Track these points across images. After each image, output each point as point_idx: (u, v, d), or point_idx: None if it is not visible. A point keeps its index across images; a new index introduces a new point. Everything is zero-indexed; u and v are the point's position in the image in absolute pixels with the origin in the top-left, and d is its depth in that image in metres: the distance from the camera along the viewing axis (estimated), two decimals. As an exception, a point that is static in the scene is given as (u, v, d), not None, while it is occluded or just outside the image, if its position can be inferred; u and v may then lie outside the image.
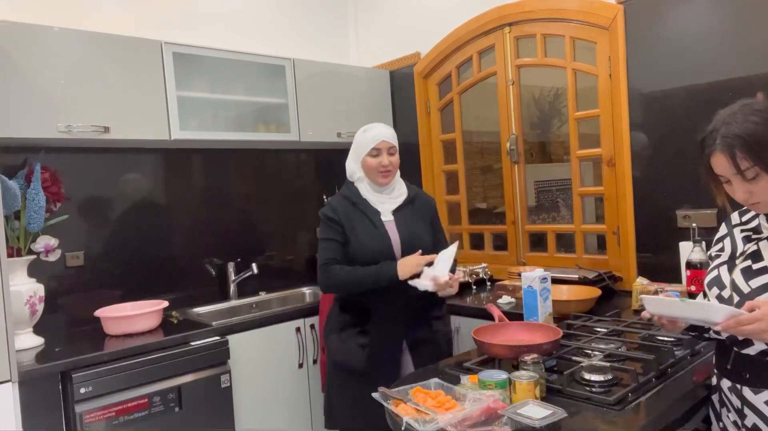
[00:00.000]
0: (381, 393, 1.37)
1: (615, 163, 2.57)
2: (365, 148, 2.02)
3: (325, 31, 3.64)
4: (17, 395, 1.95)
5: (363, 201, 2.06)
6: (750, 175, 1.20)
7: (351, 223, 2.02)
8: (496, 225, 3.15)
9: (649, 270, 2.42)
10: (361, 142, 2.04)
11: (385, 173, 2.03)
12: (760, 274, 1.23)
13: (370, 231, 2.02)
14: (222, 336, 2.45)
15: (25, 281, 2.25)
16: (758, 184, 1.21)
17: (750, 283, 1.24)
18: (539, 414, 1.20)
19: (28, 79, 2.25)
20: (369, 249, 1.99)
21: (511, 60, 2.94)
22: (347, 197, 2.08)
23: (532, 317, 1.93)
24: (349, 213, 2.04)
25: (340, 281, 1.98)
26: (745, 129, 1.20)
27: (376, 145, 2.01)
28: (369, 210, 2.05)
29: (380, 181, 2.04)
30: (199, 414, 2.33)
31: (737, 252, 1.32)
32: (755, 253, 1.28)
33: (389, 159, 2.03)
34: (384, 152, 2.02)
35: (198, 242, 3.05)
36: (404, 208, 2.09)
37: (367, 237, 2.00)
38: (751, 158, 1.19)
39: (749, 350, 1.25)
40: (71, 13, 2.65)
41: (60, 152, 2.57)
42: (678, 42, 2.30)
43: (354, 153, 2.09)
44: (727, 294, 1.30)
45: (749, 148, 1.19)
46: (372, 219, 2.03)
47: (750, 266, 1.26)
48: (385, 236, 2.02)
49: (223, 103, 2.95)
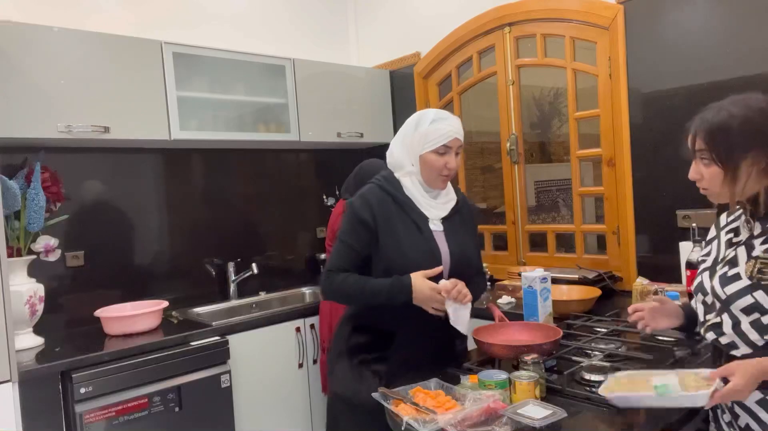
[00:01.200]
0: (381, 393, 1.37)
1: (615, 163, 2.57)
2: (432, 142, 1.65)
3: (325, 31, 3.64)
4: (17, 395, 1.95)
5: (408, 200, 1.69)
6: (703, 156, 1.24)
7: (391, 225, 1.66)
8: (496, 225, 3.15)
9: (649, 270, 2.41)
10: (426, 133, 1.66)
11: (448, 176, 1.70)
12: (734, 281, 1.24)
13: (415, 240, 1.65)
14: (222, 336, 2.45)
15: (25, 281, 2.25)
16: (709, 171, 1.24)
17: (725, 289, 1.25)
18: (539, 414, 1.20)
19: (28, 79, 2.25)
20: (412, 261, 1.63)
21: (511, 60, 2.94)
22: (389, 192, 1.69)
23: (532, 317, 1.93)
24: (391, 212, 1.67)
25: (346, 291, 1.68)
26: (719, 119, 1.22)
27: (449, 142, 1.66)
28: (415, 213, 1.68)
29: (439, 184, 1.70)
30: (199, 414, 2.33)
31: (719, 257, 1.33)
32: (732, 259, 1.28)
33: (456, 161, 1.69)
34: (452, 151, 1.68)
35: (198, 242, 3.05)
36: (454, 217, 1.75)
37: (412, 247, 1.64)
38: (705, 143, 1.23)
39: (736, 352, 1.25)
40: (71, 13, 2.65)
41: (60, 152, 2.57)
42: (678, 42, 2.30)
43: (409, 143, 1.69)
44: (710, 300, 1.31)
45: (709, 134, 1.22)
46: (419, 224, 1.68)
47: (726, 272, 1.27)
48: (434, 249, 1.67)
49: (223, 103, 2.95)
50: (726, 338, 1.27)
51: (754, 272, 1.22)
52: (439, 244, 1.68)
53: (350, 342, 1.73)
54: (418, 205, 1.70)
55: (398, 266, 1.63)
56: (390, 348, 1.68)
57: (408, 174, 1.70)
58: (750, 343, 1.23)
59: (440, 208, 1.73)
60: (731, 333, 1.25)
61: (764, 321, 1.20)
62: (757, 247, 1.24)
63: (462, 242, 1.73)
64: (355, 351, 1.71)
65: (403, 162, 1.70)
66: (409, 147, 1.69)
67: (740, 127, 1.20)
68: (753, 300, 1.20)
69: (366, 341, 1.71)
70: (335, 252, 1.70)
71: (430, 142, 1.65)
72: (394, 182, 1.71)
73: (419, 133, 1.67)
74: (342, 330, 1.79)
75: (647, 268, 2.45)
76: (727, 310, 1.26)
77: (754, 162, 1.20)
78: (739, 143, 1.20)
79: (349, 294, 1.69)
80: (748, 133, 1.20)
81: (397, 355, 1.67)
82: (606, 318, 2.08)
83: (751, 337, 1.22)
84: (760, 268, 1.22)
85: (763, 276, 1.20)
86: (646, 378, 1.27)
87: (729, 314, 1.26)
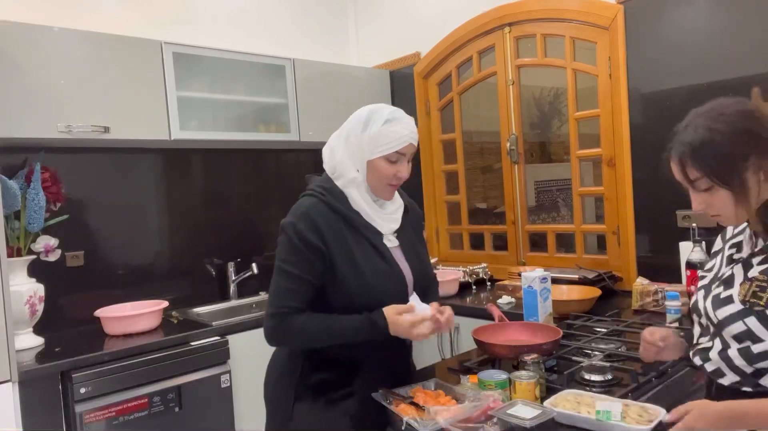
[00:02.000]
0: (381, 393, 1.37)
1: (615, 163, 2.57)
2: (384, 146, 1.42)
3: (325, 31, 3.64)
4: (17, 395, 1.95)
5: (356, 216, 1.45)
6: (702, 185, 1.10)
7: (345, 250, 1.40)
8: (496, 225, 3.15)
9: (649, 270, 2.41)
10: (378, 136, 1.42)
11: (396, 186, 1.49)
12: (726, 304, 1.12)
13: (375, 264, 1.43)
14: (222, 336, 2.45)
15: (25, 281, 2.25)
16: (715, 196, 1.10)
17: (717, 313, 1.13)
18: (529, 414, 1.21)
19: (28, 79, 2.25)
20: (377, 290, 1.41)
21: (511, 60, 2.94)
22: (335, 208, 1.43)
23: (532, 317, 1.93)
24: (342, 233, 1.41)
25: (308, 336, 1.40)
26: (699, 137, 1.09)
27: (403, 148, 1.43)
28: (368, 230, 1.45)
29: (386, 194, 1.48)
30: (199, 414, 2.33)
31: (717, 274, 1.22)
32: (728, 279, 1.16)
33: (407, 168, 1.48)
34: (405, 159, 1.46)
35: (198, 242, 3.05)
36: (405, 227, 1.55)
37: (373, 274, 1.41)
38: (699, 169, 1.09)
39: (723, 381, 1.14)
40: (71, 13, 2.65)
41: (60, 152, 2.57)
42: (678, 42, 2.30)
43: (356, 146, 1.45)
44: (705, 322, 1.20)
45: (699, 158, 1.09)
46: (375, 243, 1.45)
47: (719, 294, 1.15)
48: (396, 272, 1.46)
49: (223, 103, 2.94)
50: (711, 364, 1.16)
51: (748, 296, 1.09)
52: (399, 263, 1.48)
53: (311, 381, 1.45)
54: (369, 219, 1.45)
55: (361, 299, 1.39)
56: (355, 382, 1.44)
57: (351, 182, 1.45)
58: (736, 369, 1.10)
59: (391, 219, 1.51)
60: (717, 358, 1.14)
61: (754, 350, 1.07)
62: (755, 267, 1.12)
63: (419, 253, 1.56)
64: (319, 391, 1.44)
65: (345, 167, 1.45)
66: (355, 149, 1.45)
67: (727, 136, 1.07)
68: (745, 328, 1.08)
69: (330, 377, 1.45)
70: (281, 289, 1.40)
71: (381, 147, 1.42)
72: (337, 195, 1.45)
73: (369, 135, 1.43)
74: (289, 366, 1.49)
75: (647, 268, 2.45)
76: (719, 335, 1.14)
77: (758, 167, 1.07)
78: (735, 153, 1.07)
79: (312, 339, 1.41)
80: (739, 139, 1.07)
81: (362, 386, 1.42)
82: (606, 318, 2.08)
83: (736, 363, 1.10)
84: (755, 292, 1.09)
85: (757, 302, 1.08)
86: (593, 400, 1.26)
87: (721, 339, 1.14)
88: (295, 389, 1.46)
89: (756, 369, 1.07)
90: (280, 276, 1.41)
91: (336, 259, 1.39)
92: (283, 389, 1.49)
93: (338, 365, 1.45)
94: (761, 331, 1.06)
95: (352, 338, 1.39)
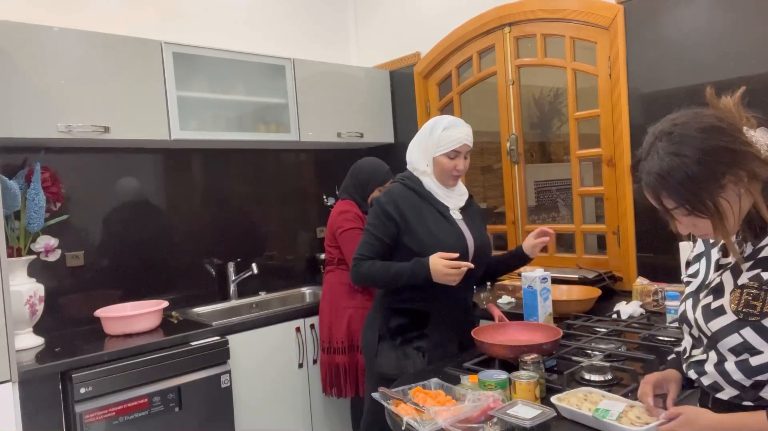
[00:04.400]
0: (381, 393, 1.37)
1: (615, 163, 2.57)
2: (443, 147, 1.88)
3: (325, 31, 3.64)
4: (17, 395, 1.95)
5: (429, 194, 1.93)
6: (682, 212, 1.04)
7: (418, 215, 1.88)
8: (496, 225, 3.15)
9: (649, 270, 2.41)
10: (439, 139, 1.89)
11: (457, 176, 1.94)
12: (718, 315, 1.07)
13: (443, 227, 1.89)
14: (222, 336, 2.45)
15: (25, 281, 2.25)
16: (698, 220, 1.04)
17: (709, 325, 1.08)
18: (529, 414, 1.21)
19: (28, 79, 2.25)
20: (445, 245, 1.83)
21: (511, 60, 2.94)
22: (412, 188, 1.92)
23: (532, 317, 1.94)
24: (416, 204, 1.90)
25: (373, 275, 1.87)
26: (666, 166, 1.01)
27: (458, 147, 1.89)
28: (438, 204, 1.92)
29: (450, 182, 1.94)
30: (199, 414, 2.33)
31: (705, 281, 1.15)
32: (717, 287, 1.10)
33: (465, 163, 1.92)
34: (462, 155, 1.91)
35: (198, 242, 3.05)
36: (468, 208, 2.00)
37: (441, 231, 1.87)
38: (675, 200, 1.03)
39: (722, 395, 1.09)
40: (71, 13, 2.65)
41: (60, 152, 2.57)
42: (678, 42, 2.30)
43: (424, 147, 1.93)
44: (696, 333, 1.14)
45: (670, 188, 1.02)
46: (443, 213, 1.91)
47: (709, 304, 1.09)
48: (460, 234, 1.90)
49: (223, 103, 2.95)
50: (708, 378, 1.10)
51: (740, 306, 1.04)
52: (463, 230, 1.91)
53: (390, 325, 1.93)
54: (438, 197, 1.92)
55: (430, 248, 1.81)
56: (428, 326, 1.90)
57: (423, 174, 1.93)
58: (735, 383, 1.05)
59: (457, 199, 1.97)
60: (713, 372, 1.08)
61: (752, 363, 1.01)
62: (744, 273, 1.06)
63: (479, 231, 1.98)
64: (397, 332, 1.92)
65: (419, 162, 1.93)
66: (424, 150, 1.92)
67: (696, 160, 0.99)
68: (741, 340, 1.02)
69: (405, 322, 1.92)
70: (362, 243, 1.90)
71: (441, 147, 1.88)
72: (414, 179, 1.94)
73: (433, 138, 1.90)
74: (377, 317, 1.98)
75: (647, 268, 2.45)
76: (714, 348, 1.08)
77: (736, 179, 1.00)
78: (708, 178, 0.99)
79: (376, 278, 1.87)
80: (709, 159, 0.99)
81: (434, 331, 1.90)
82: (606, 318, 2.08)
83: (735, 377, 1.04)
84: (747, 301, 1.03)
85: (751, 311, 1.02)
86: (600, 398, 1.27)
87: (716, 352, 1.08)
88: (379, 331, 1.95)
89: (755, 382, 1.03)
90: (364, 235, 1.91)
91: (409, 222, 1.86)
92: (371, 332, 1.98)
93: (411, 314, 1.91)
94: (759, 343, 1.01)
95: (406, 278, 1.81)
